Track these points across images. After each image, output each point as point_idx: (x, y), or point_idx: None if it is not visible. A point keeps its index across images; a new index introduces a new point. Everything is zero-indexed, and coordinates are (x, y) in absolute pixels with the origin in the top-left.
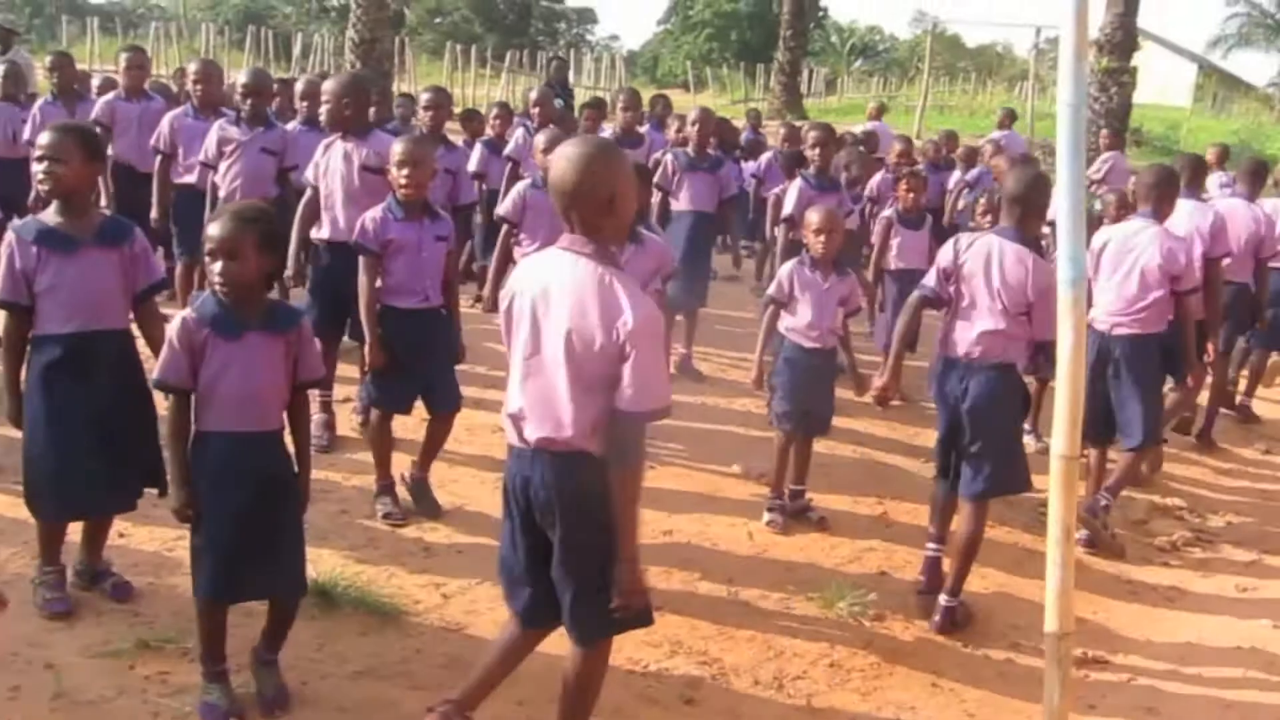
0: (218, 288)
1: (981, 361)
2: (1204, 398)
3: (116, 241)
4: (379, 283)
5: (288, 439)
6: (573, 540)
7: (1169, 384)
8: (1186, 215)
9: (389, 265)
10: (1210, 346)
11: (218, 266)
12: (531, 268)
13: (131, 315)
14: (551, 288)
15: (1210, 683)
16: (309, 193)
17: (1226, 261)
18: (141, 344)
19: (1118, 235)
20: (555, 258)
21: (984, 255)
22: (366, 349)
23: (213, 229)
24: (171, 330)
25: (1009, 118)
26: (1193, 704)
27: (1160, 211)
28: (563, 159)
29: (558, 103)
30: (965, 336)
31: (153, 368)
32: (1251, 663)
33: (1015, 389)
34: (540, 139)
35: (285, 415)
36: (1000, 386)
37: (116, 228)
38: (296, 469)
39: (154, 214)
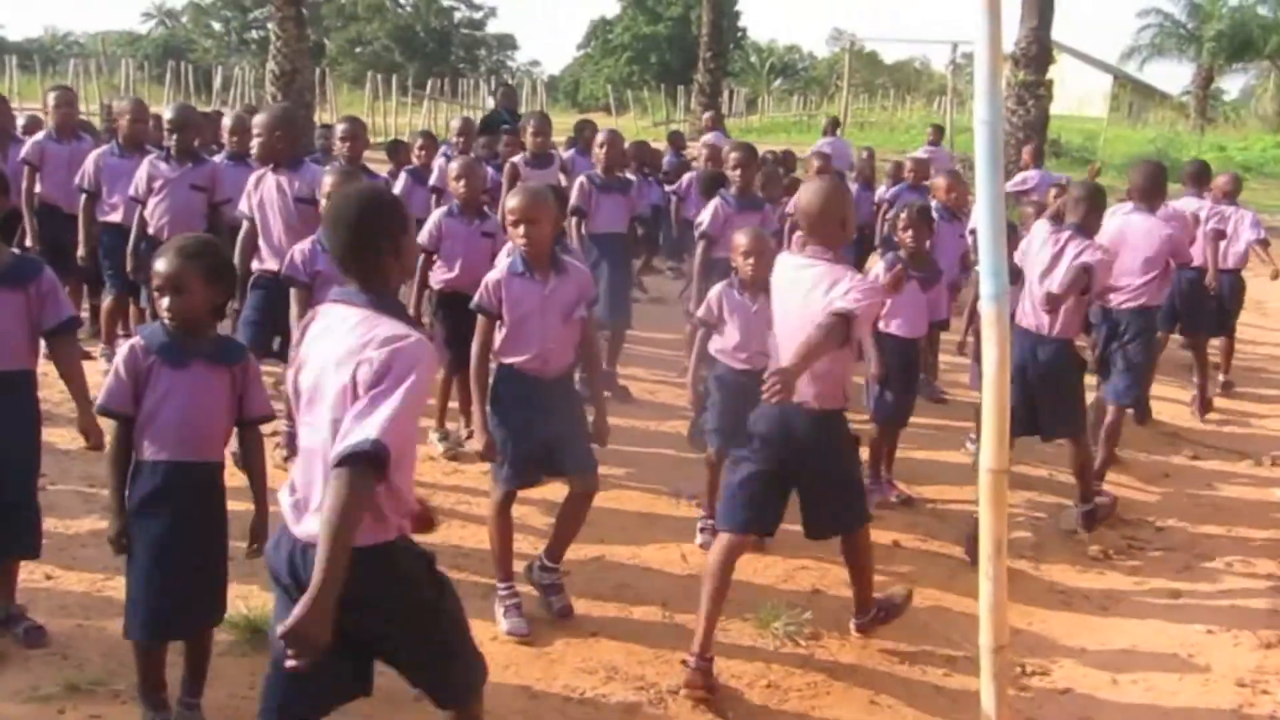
0: (166, 321)
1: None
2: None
3: (21, 281)
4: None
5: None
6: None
7: None
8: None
9: (319, 296)
10: None
11: (165, 301)
12: (782, 269)
13: (47, 353)
14: (802, 282)
15: (1147, 690)
16: (246, 225)
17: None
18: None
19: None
20: (796, 262)
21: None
22: None
23: (159, 264)
24: (118, 357)
25: (937, 134)
26: (1130, 712)
27: (1154, 205)
28: (809, 191)
29: (505, 128)
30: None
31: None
32: (1187, 668)
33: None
34: (452, 166)
35: (232, 453)
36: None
37: (22, 267)
38: (254, 506)
39: (81, 252)
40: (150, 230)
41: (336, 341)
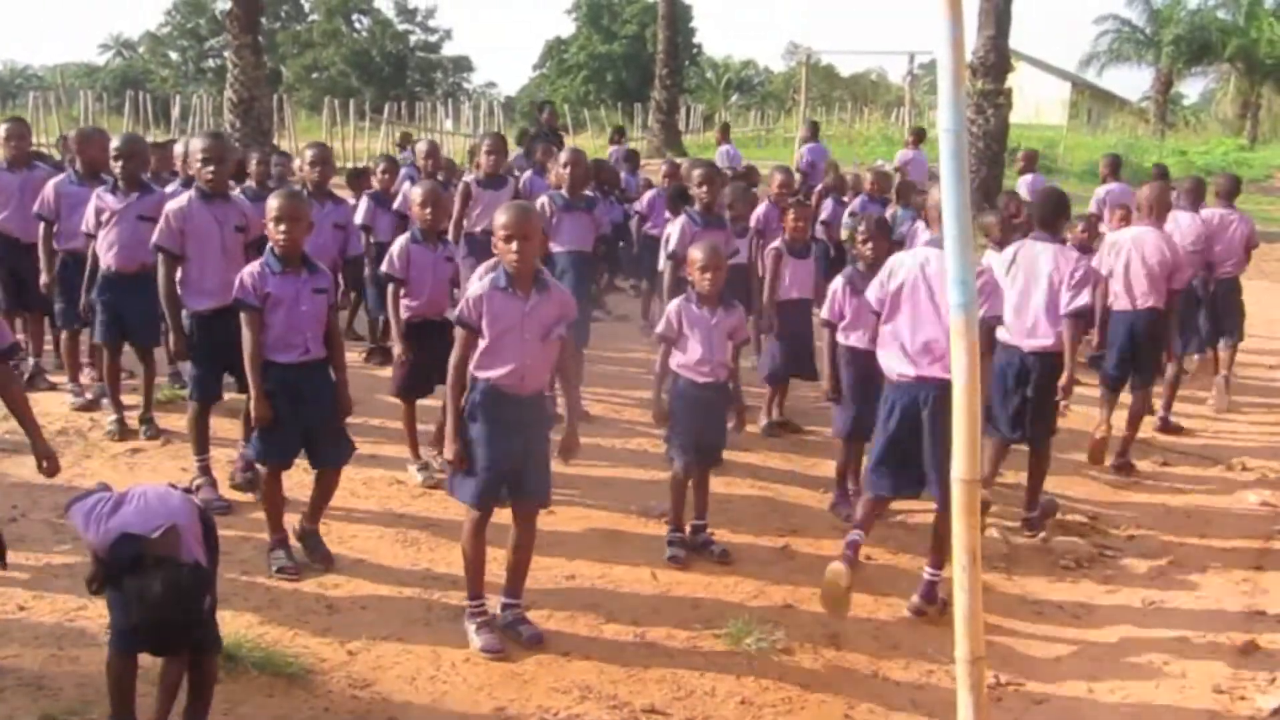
0: None
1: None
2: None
3: None
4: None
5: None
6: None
7: None
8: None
9: (268, 319)
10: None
11: None
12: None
13: None
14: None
15: (1123, 698)
16: (167, 259)
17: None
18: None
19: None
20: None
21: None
22: (252, 404)
23: None
24: None
25: (917, 137)
26: None
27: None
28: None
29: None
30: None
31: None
32: (1163, 676)
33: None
34: (416, 192)
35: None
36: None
37: None
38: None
39: (43, 279)
40: (103, 264)
41: None
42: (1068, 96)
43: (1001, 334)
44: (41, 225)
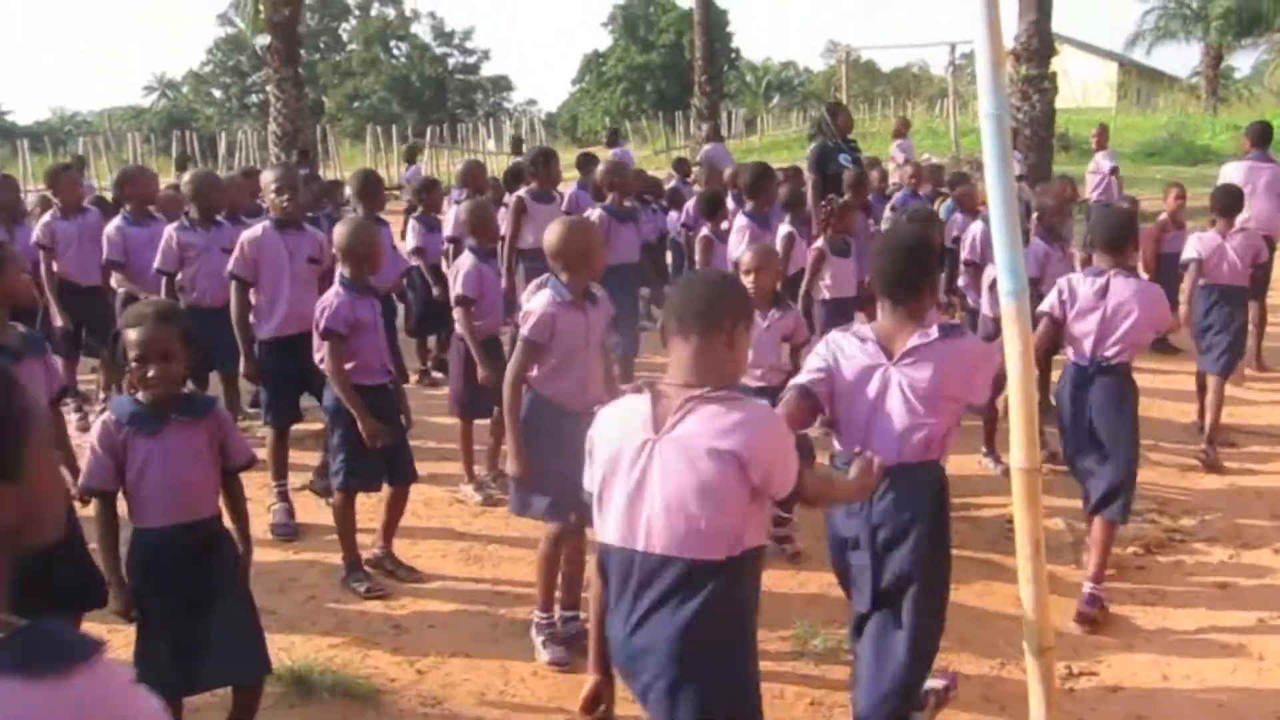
0: (151, 389)
1: None
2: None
3: (42, 353)
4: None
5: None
6: None
7: None
8: None
9: (354, 345)
10: None
11: (152, 370)
12: None
13: None
14: None
15: (1200, 683)
16: (239, 286)
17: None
18: None
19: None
20: None
21: None
22: (360, 426)
23: (137, 334)
24: (92, 435)
25: (903, 125)
26: (1184, 707)
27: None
28: None
29: (843, 158)
30: None
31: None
32: (1240, 657)
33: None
34: (460, 211)
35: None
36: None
37: (37, 340)
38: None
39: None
40: (194, 297)
41: None
42: (1114, 77)
43: None
44: (114, 271)
